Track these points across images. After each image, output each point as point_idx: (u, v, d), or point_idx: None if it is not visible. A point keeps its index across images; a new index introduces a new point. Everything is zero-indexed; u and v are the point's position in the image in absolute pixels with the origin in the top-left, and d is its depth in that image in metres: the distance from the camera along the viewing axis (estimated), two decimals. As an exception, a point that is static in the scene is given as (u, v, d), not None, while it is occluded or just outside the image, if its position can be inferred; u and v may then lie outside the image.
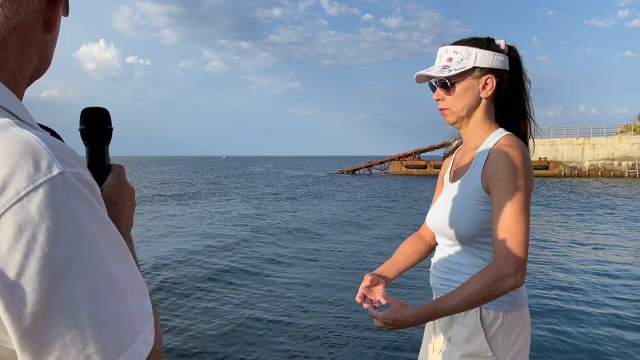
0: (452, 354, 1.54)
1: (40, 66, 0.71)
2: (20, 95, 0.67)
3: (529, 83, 1.63)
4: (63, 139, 0.68)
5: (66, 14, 0.75)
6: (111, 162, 0.85)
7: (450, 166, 1.73)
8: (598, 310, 6.06)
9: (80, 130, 0.82)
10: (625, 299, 6.52)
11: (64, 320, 0.49)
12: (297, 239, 11.42)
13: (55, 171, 0.52)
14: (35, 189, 0.51)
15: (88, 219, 0.53)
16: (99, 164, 0.83)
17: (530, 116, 1.62)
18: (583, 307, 6.20)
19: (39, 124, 0.65)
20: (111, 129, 0.84)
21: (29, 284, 0.49)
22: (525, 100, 1.62)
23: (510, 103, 1.61)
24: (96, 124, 0.83)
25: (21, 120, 0.61)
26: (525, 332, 1.54)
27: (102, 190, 0.78)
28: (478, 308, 1.48)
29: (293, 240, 11.23)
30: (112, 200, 0.79)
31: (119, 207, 0.80)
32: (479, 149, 1.56)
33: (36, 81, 0.74)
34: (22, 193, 0.50)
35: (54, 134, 0.62)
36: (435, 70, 1.55)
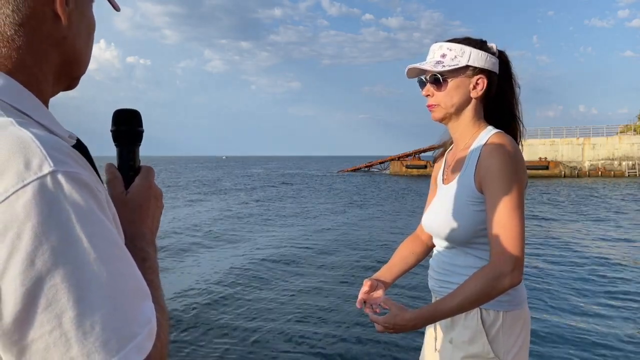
0: (455, 356, 1.53)
1: (68, 63, 0.68)
2: (43, 95, 0.65)
3: (519, 88, 1.64)
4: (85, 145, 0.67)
5: None
6: (141, 164, 0.84)
7: (442, 168, 1.72)
8: (595, 306, 6.07)
9: (111, 131, 0.82)
10: (622, 296, 6.53)
11: (47, 322, 0.48)
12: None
13: (46, 170, 0.51)
14: (24, 187, 0.50)
15: (78, 219, 0.52)
16: (128, 166, 0.82)
17: (520, 120, 1.63)
18: (581, 303, 6.20)
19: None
20: (142, 131, 0.83)
21: (12, 283, 0.48)
22: (515, 105, 1.63)
23: (499, 106, 1.61)
24: (127, 126, 0.82)
25: (34, 120, 0.60)
26: (526, 329, 1.54)
27: (127, 193, 0.78)
28: (478, 309, 1.47)
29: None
30: (136, 203, 0.77)
31: (143, 210, 0.78)
32: (470, 149, 1.55)
33: None
34: (10, 191, 0.50)
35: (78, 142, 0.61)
36: (429, 65, 1.54)
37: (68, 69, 0.70)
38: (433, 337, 1.67)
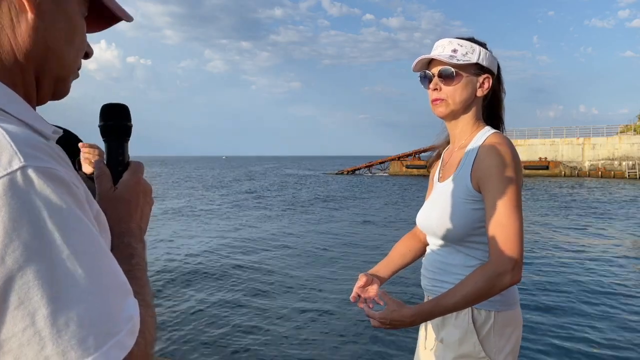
0: (446, 355, 1.53)
1: (46, 59, 0.65)
2: (22, 89, 0.63)
3: (504, 93, 1.66)
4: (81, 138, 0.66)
5: None
6: (130, 159, 0.82)
7: (439, 166, 1.73)
8: (589, 307, 6.09)
9: (99, 126, 0.80)
10: (616, 298, 6.53)
11: (20, 320, 0.47)
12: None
13: (16, 165, 0.50)
14: None
15: (51, 214, 0.50)
16: (117, 161, 0.80)
17: (503, 124, 1.66)
18: (573, 304, 6.22)
19: (55, 125, 0.63)
20: (130, 126, 0.81)
21: None
22: (502, 109, 1.65)
23: (490, 109, 1.63)
24: (115, 121, 0.80)
25: (11, 115, 0.58)
26: (517, 331, 1.54)
27: (115, 189, 0.76)
28: (470, 309, 1.48)
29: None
30: (124, 198, 0.76)
31: (132, 205, 0.77)
32: (467, 148, 1.56)
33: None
34: None
35: (69, 133, 0.59)
36: (445, 57, 1.53)
37: (43, 65, 0.66)
38: (424, 336, 1.67)
